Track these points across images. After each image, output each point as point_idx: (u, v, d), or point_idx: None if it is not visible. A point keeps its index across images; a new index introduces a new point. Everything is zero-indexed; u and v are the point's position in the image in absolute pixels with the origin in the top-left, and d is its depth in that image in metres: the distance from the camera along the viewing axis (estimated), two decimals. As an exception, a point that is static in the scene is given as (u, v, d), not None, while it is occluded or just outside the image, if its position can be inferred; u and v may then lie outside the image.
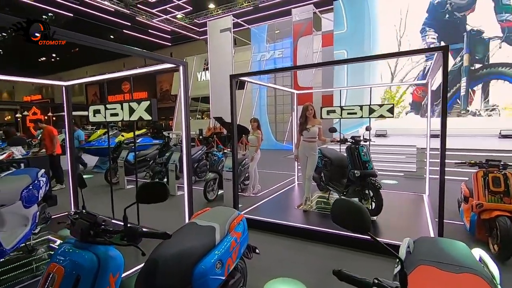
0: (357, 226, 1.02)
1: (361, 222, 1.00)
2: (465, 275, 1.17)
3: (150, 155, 7.27)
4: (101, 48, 2.51)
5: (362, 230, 1.00)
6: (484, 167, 3.32)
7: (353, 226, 1.03)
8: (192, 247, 1.60)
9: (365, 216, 1.01)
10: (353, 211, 1.03)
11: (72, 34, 2.17)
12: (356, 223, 1.02)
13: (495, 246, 2.93)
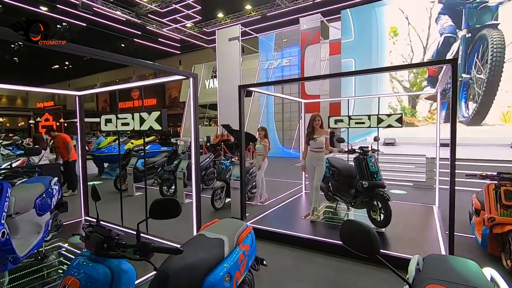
0: (366, 248, 1.02)
1: (370, 244, 1.01)
2: (476, 296, 1.15)
3: (158, 162, 7.36)
4: (113, 62, 2.60)
5: (371, 252, 1.01)
6: (495, 180, 3.27)
7: (362, 248, 1.03)
8: (202, 259, 1.62)
9: (374, 238, 1.02)
10: (362, 233, 1.03)
11: (86, 49, 2.27)
12: (365, 245, 1.02)
13: (508, 261, 2.86)
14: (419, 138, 9.92)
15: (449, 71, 2.83)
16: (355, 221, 1.15)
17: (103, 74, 33.10)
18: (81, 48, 2.26)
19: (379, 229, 3.87)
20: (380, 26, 12.02)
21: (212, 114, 20.97)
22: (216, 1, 17.31)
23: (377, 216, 3.90)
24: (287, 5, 16.91)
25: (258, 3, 17.48)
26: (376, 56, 12.08)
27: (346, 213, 4.75)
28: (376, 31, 12.09)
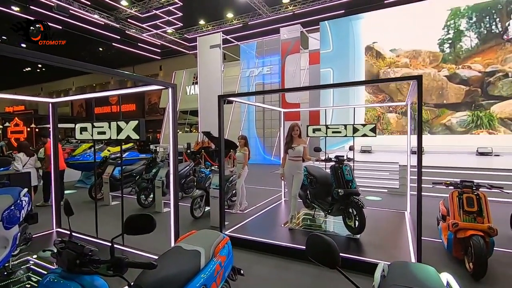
0: (328, 261, 1.09)
1: (331, 257, 1.08)
2: (433, 299, 1.25)
3: (136, 170, 7.20)
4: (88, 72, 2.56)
5: (331, 264, 1.08)
6: (459, 187, 3.50)
7: (324, 260, 1.11)
8: (177, 272, 1.63)
9: (334, 251, 1.09)
10: (324, 246, 1.11)
11: (49, 57, 2.17)
12: (327, 257, 1.09)
13: (470, 264, 3.06)
14: (395, 146, 10.34)
15: (415, 86, 3.03)
16: (319, 234, 1.23)
17: (79, 78, 32.00)
18: (44, 56, 2.14)
19: (354, 236, 4.01)
20: (356, 38, 12.53)
21: (193, 120, 20.80)
22: (197, 9, 17.33)
23: (352, 223, 4.04)
24: (268, 15, 17.25)
25: (240, 11, 17.70)
26: (353, 67, 12.56)
27: (324, 220, 4.87)
28: (353, 43, 12.59)
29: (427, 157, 9.16)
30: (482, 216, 3.19)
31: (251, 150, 6.16)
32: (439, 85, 10.68)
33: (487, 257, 2.99)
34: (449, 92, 10.57)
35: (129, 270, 1.33)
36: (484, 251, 2.93)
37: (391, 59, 11.54)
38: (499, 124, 9.78)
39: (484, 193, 3.38)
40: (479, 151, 9.70)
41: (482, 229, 3.08)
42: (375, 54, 11.85)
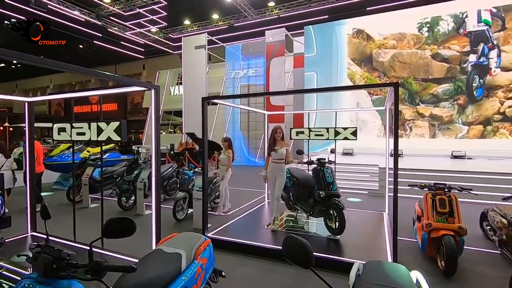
0: (302, 261, 1.14)
1: (305, 257, 1.13)
2: (402, 296, 1.33)
3: (117, 172, 7.04)
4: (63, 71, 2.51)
5: (305, 264, 1.13)
6: (432, 189, 3.68)
7: (299, 261, 1.16)
8: (158, 275, 1.63)
9: (308, 252, 1.14)
10: (298, 247, 1.16)
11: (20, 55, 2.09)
12: (301, 258, 1.14)
13: (442, 262, 3.22)
14: (376, 149, 10.64)
15: (392, 92, 3.17)
16: (294, 236, 1.28)
17: (58, 75, 30.84)
18: (15, 54, 2.00)
19: (334, 236, 4.12)
20: (339, 44, 12.83)
21: (177, 121, 20.55)
22: (182, 9, 17.16)
23: (333, 224, 4.15)
24: (254, 17, 17.34)
25: (225, 13, 17.69)
26: (336, 71, 12.84)
27: (306, 221, 4.96)
28: (336, 48, 12.88)
29: (406, 160, 9.51)
30: (453, 216, 3.36)
31: (236, 151, 6.18)
32: (425, 63, 11.47)
33: (458, 256, 3.16)
34: (433, 69, 11.35)
35: (108, 274, 1.32)
36: (455, 250, 3.09)
37: (380, 41, 12.05)
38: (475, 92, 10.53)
39: (455, 195, 3.57)
40: (454, 154, 10.17)
41: (453, 229, 3.25)
42: (365, 37, 12.30)
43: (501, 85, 10.43)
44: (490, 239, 4.16)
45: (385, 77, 11.82)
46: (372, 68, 12.13)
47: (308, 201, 4.54)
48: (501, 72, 10.48)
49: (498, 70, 10.54)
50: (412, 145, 11.04)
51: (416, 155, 10.54)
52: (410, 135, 11.62)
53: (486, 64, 10.74)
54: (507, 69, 10.42)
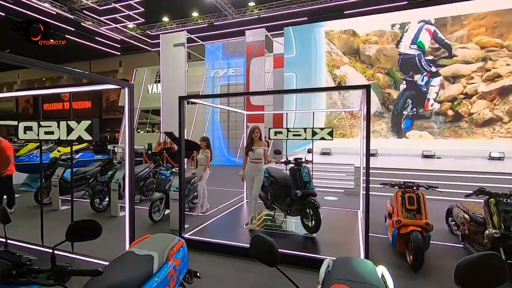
0: (268, 260, 1.17)
1: (271, 256, 1.16)
2: (367, 291, 1.39)
3: (90, 172, 6.78)
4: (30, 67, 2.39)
5: (271, 263, 1.16)
6: (402, 187, 3.85)
7: (265, 259, 1.18)
8: (127, 279, 1.60)
9: (274, 250, 1.17)
10: (265, 246, 1.18)
11: None
12: (267, 256, 1.17)
13: (410, 257, 3.38)
14: (353, 148, 10.95)
15: (365, 94, 3.29)
16: (261, 235, 1.31)
17: (26, 70, 29.14)
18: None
19: (310, 235, 4.20)
20: (318, 45, 13.09)
21: (155, 120, 20.07)
22: (160, 5, 16.79)
23: (309, 223, 4.23)
24: (234, 17, 17.31)
25: (205, 11, 17.52)
26: (315, 72, 13.09)
27: (284, 220, 5.02)
28: (315, 50, 13.13)
29: (380, 159, 9.87)
30: (420, 213, 3.54)
31: (215, 151, 6.15)
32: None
33: (424, 251, 3.34)
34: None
35: (78, 279, 1.28)
36: (422, 245, 3.26)
37: (364, 37, 12.48)
38: (445, 79, 10.98)
39: (423, 193, 3.76)
40: (424, 154, 10.68)
41: (420, 225, 3.43)
42: (352, 33, 12.69)
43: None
44: (454, 234, 4.42)
45: (372, 68, 12.25)
46: (361, 61, 12.57)
47: (285, 200, 4.61)
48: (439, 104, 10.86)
49: (436, 104, 10.90)
50: (387, 145, 11.48)
51: (390, 155, 10.97)
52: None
53: (425, 92, 11.17)
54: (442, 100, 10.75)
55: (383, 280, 1.54)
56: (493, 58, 10.24)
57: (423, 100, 11.33)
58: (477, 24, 10.56)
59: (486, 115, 10.21)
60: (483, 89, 10.19)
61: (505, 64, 9.95)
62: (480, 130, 10.41)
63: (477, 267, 0.93)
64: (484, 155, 10.01)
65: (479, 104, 10.33)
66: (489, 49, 10.30)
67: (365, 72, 12.27)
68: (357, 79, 12.25)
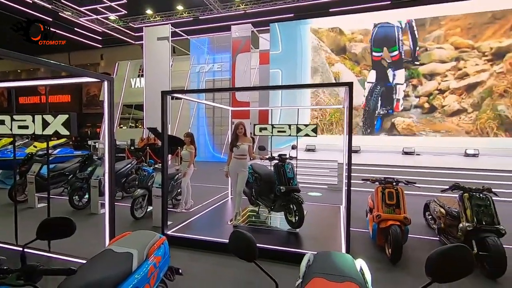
0: (246, 255, 1.17)
1: (250, 251, 1.16)
2: (346, 283, 1.42)
3: (69, 168, 6.55)
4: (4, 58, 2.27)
5: (249, 258, 1.16)
6: (382, 183, 3.96)
7: (244, 255, 1.18)
8: (105, 277, 1.56)
9: (252, 246, 1.17)
10: (244, 242, 1.18)
11: None
12: (245, 252, 1.17)
13: (389, 250, 3.49)
14: (337, 145, 11.11)
15: (347, 92, 3.33)
16: (240, 231, 1.31)
17: (0, 62, 27.68)
18: None
19: (294, 230, 4.25)
20: (304, 42, 13.15)
21: (139, 115, 19.62)
22: (144, -3, 16.36)
23: (293, 218, 4.28)
24: (220, 11, 17.08)
25: (191, 5, 17.18)
26: (300, 69, 13.17)
27: (268, 216, 5.05)
28: (301, 47, 13.19)
29: (363, 156, 10.09)
30: (399, 208, 3.65)
31: (201, 147, 6.08)
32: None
33: (403, 244, 3.45)
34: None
35: (56, 278, 1.23)
36: (400, 238, 3.37)
37: (349, 36, 12.67)
38: (423, 77, 11.49)
39: (402, 188, 3.88)
40: (405, 150, 11.01)
41: (398, 219, 3.54)
42: (338, 31, 12.85)
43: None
44: (431, 227, 4.60)
45: (359, 65, 12.51)
46: (348, 58, 12.75)
47: (269, 196, 4.63)
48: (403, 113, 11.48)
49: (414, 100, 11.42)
50: (369, 142, 11.75)
51: (372, 151, 11.24)
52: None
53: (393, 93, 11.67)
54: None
55: (361, 273, 1.58)
56: (465, 58, 10.96)
57: (392, 100, 11.79)
58: (453, 24, 11.13)
59: (455, 107, 11.03)
60: (454, 86, 11.05)
61: (474, 64, 10.79)
62: (449, 119, 11.12)
63: (446, 259, 0.97)
64: (460, 152, 10.45)
65: (450, 98, 11.13)
66: (462, 50, 11.01)
67: (353, 69, 12.50)
68: (348, 76, 12.49)
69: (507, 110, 10.35)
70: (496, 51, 10.54)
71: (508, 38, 10.44)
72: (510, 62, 10.32)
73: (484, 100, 10.56)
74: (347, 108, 5.59)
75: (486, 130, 10.62)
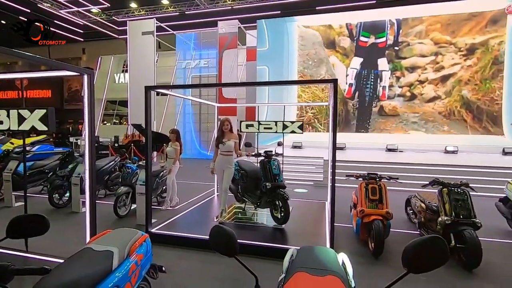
0: (227, 250, 1.16)
1: (230, 246, 1.15)
2: (328, 277, 1.44)
3: (48, 166, 6.34)
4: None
5: (229, 253, 1.15)
6: (366, 179, 4.03)
7: (224, 250, 1.17)
8: (83, 276, 1.51)
9: (233, 241, 1.17)
10: (224, 236, 1.17)
11: None
12: (226, 247, 1.16)
13: (372, 244, 3.57)
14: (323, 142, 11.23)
15: (332, 88, 3.37)
16: (221, 226, 1.30)
17: (-26, 54, 26.27)
18: None
19: (280, 226, 4.28)
20: (290, 39, 13.19)
21: (123, 111, 19.17)
22: (128, -10, 15.92)
23: (278, 214, 4.30)
24: (206, 6, 16.87)
25: (176, -1, 16.89)
26: (287, 66, 13.20)
27: (254, 213, 5.06)
28: (287, 44, 13.22)
29: (347, 153, 10.26)
30: (382, 203, 3.73)
31: (187, 144, 6.00)
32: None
33: (384, 238, 3.54)
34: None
35: (32, 279, 1.18)
36: (382, 233, 3.45)
37: (338, 30, 12.82)
38: (405, 70, 11.99)
39: (385, 183, 3.97)
40: (388, 147, 11.27)
41: (381, 214, 3.62)
42: (328, 25, 12.97)
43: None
44: (412, 222, 4.74)
45: (348, 58, 12.69)
46: (337, 51, 12.90)
47: (255, 192, 4.63)
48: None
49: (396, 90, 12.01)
50: (354, 139, 11.95)
51: (357, 148, 11.44)
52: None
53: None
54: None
55: (343, 266, 1.60)
56: (443, 53, 11.63)
57: (378, 88, 12.16)
58: (434, 20, 11.72)
59: (431, 94, 11.76)
60: (431, 77, 11.80)
61: (451, 59, 11.56)
62: (427, 104, 11.76)
63: (422, 250, 1.00)
64: (441, 149, 10.79)
65: (427, 87, 11.83)
66: (441, 45, 11.69)
67: (344, 62, 12.66)
68: (341, 69, 12.70)
69: (469, 94, 11.24)
70: (470, 47, 11.26)
71: (481, 35, 11.13)
72: (478, 57, 11.16)
73: (454, 88, 11.43)
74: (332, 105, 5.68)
75: (453, 110, 11.44)
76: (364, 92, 12.41)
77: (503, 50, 10.87)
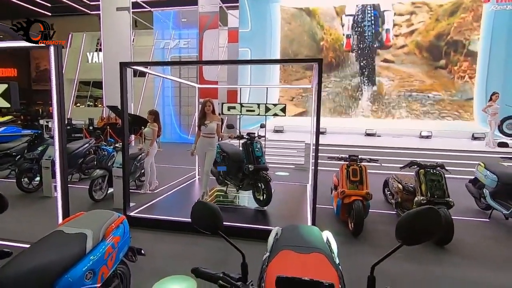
0: (209, 226, 1.10)
1: (214, 222, 1.09)
2: (313, 254, 1.42)
3: (16, 148, 5.94)
4: None
5: (214, 230, 1.09)
6: (347, 161, 4.08)
7: (207, 226, 1.11)
8: (55, 259, 1.40)
9: (217, 215, 1.10)
10: (208, 213, 1.11)
11: None
12: (209, 223, 1.10)
13: (352, 224, 3.66)
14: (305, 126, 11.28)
15: (316, 69, 3.30)
16: (204, 202, 1.23)
17: None
18: None
19: (262, 208, 4.28)
20: (273, 20, 12.89)
21: (98, 93, 18.25)
22: (100, -40, 14.69)
23: (261, 196, 4.29)
24: (186, -17, 16.00)
25: (154, -27, 15.88)
26: (269, 48, 12.97)
27: (236, 195, 5.03)
28: (270, 26, 12.92)
29: (328, 137, 10.39)
30: (362, 184, 3.81)
31: (167, 128, 5.80)
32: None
33: (364, 218, 3.63)
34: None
35: None
36: (362, 212, 3.53)
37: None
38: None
39: (365, 166, 4.03)
40: (367, 132, 11.55)
41: (361, 195, 3.70)
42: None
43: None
44: (389, 202, 4.91)
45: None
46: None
47: (237, 175, 4.59)
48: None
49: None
50: (334, 124, 12.11)
51: (337, 133, 11.62)
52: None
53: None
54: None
55: (328, 244, 1.60)
56: (417, 12, 11.91)
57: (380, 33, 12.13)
58: None
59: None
60: (404, 31, 12.06)
61: (421, 18, 11.93)
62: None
63: (415, 221, 0.98)
64: (416, 134, 11.20)
65: (399, 39, 12.06)
66: (416, 6, 11.95)
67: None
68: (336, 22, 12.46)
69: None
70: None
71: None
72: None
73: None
74: (314, 87, 5.65)
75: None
76: (364, 39, 12.14)
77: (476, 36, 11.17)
